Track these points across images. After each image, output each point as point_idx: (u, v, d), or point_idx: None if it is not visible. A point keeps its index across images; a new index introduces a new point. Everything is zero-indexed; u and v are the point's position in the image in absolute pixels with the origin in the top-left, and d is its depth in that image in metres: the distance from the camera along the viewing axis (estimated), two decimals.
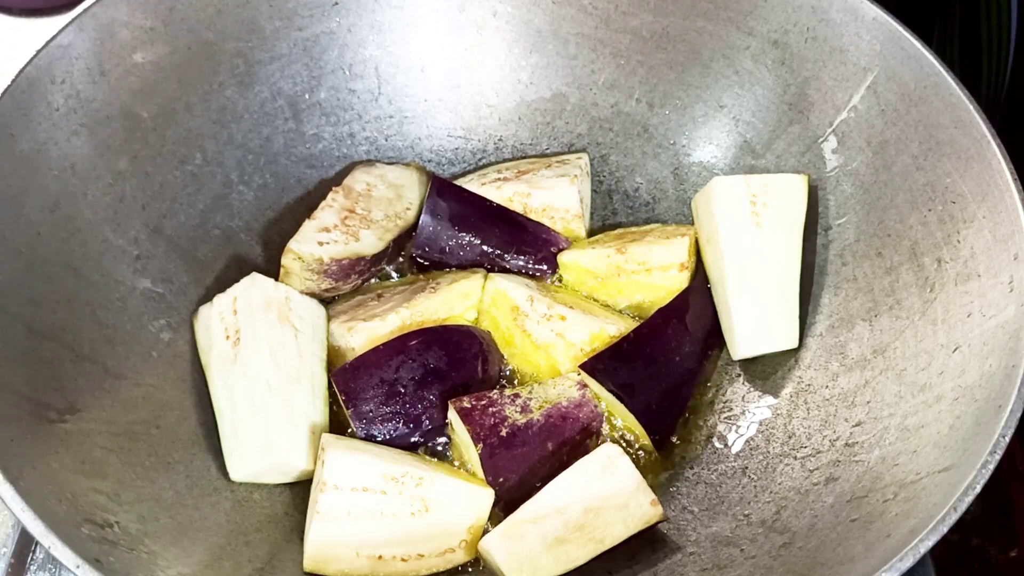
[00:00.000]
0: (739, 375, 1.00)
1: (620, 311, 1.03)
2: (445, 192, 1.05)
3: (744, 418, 0.97)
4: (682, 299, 0.99)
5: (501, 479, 0.88)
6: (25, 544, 0.93)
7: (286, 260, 1.01)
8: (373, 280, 1.08)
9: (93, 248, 0.93)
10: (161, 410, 0.92)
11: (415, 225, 1.07)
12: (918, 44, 0.92)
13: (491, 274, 1.03)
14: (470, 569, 0.89)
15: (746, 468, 0.93)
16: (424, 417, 0.93)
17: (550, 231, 1.06)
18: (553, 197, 1.07)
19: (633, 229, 1.10)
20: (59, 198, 0.91)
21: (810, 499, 0.85)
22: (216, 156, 1.05)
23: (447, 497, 0.86)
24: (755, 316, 0.97)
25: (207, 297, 1.00)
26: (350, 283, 1.05)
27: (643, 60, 1.09)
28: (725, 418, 0.98)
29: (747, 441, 0.95)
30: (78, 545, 0.71)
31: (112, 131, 0.96)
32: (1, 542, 0.93)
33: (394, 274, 1.09)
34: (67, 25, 0.92)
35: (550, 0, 1.09)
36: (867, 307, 0.94)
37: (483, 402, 0.91)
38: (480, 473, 0.89)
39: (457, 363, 0.95)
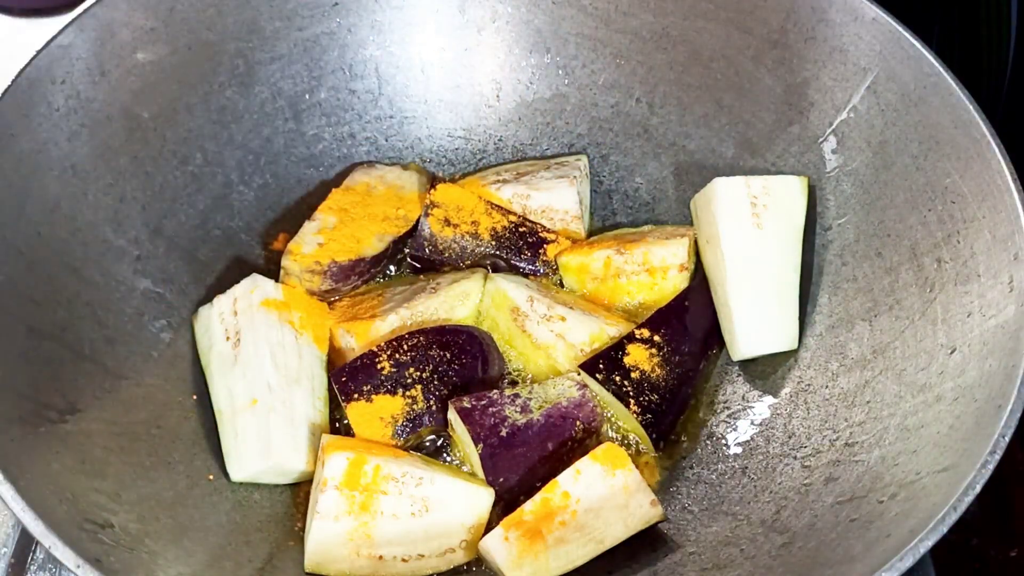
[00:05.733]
0: (739, 375, 1.00)
1: (620, 311, 1.03)
2: None
3: (744, 418, 0.97)
4: (682, 299, 0.99)
5: (501, 479, 0.88)
6: (25, 544, 0.93)
7: (286, 261, 1.02)
8: (373, 280, 1.08)
9: (93, 248, 0.93)
10: (161, 410, 0.92)
11: (415, 226, 1.07)
12: (918, 44, 0.92)
13: (491, 274, 1.03)
14: (472, 569, 0.89)
15: (746, 468, 0.93)
16: (424, 417, 0.93)
17: (548, 231, 1.07)
18: (552, 199, 1.07)
19: (633, 230, 1.10)
20: (59, 198, 0.91)
21: (810, 499, 0.85)
22: (216, 156, 1.05)
23: (447, 497, 0.86)
24: (755, 317, 0.97)
25: (207, 297, 1.00)
26: (350, 284, 1.05)
27: (643, 60, 1.09)
28: (725, 418, 0.98)
29: (747, 441, 0.95)
30: (78, 545, 0.71)
31: (112, 131, 0.96)
32: (1, 542, 0.93)
33: (394, 274, 1.09)
34: (67, 25, 0.92)
35: (550, 0, 1.09)
36: (867, 307, 0.94)
37: (483, 402, 0.91)
38: (480, 473, 0.89)
39: (457, 363, 0.95)
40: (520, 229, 1.06)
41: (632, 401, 0.92)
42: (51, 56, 0.91)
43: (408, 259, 1.08)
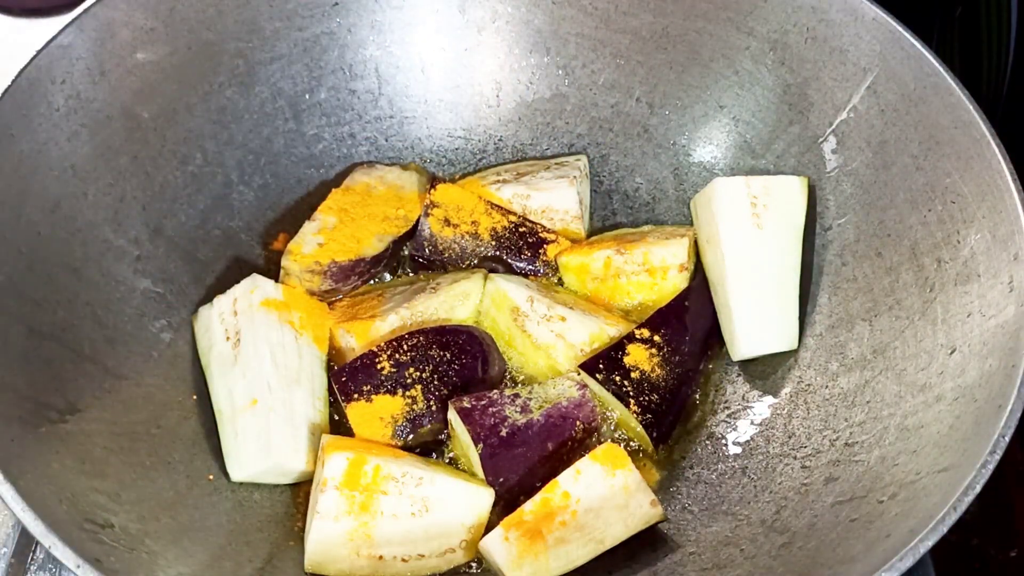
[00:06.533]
0: (739, 375, 1.00)
1: (620, 311, 1.03)
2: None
3: (744, 418, 0.97)
4: (682, 299, 0.99)
5: (501, 479, 0.88)
6: (25, 544, 0.93)
7: (286, 261, 1.01)
8: (373, 280, 1.08)
9: (93, 248, 0.93)
10: (162, 410, 0.92)
11: (415, 226, 1.07)
12: (918, 44, 0.92)
13: (491, 274, 1.03)
14: (472, 569, 0.89)
15: (746, 468, 0.93)
16: (424, 417, 0.93)
17: (548, 231, 1.07)
18: (552, 199, 1.07)
19: (633, 230, 1.10)
20: (59, 198, 0.91)
21: (810, 499, 0.86)
22: (216, 156, 1.05)
23: (447, 497, 0.86)
24: (755, 317, 0.97)
25: (207, 297, 1.00)
26: (350, 284, 1.05)
27: (643, 60, 1.09)
28: (725, 418, 0.98)
29: (747, 441, 0.95)
30: (78, 545, 0.71)
31: (112, 131, 0.96)
32: (1, 542, 0.93)
33: (393, 275, 1.09)
34: (67, 25, 0.92)
35: (550, 0, 1.09)
36: (867, 307, 0.94)
37: (483, 402, 0.91)
38: (480, 473, 0.89)
39: (457, 363, 0.95)
40: (520, 229, 1.06)
41: (632, 401, 0.92)
42: (51, 56, 0.91)
43: (408, 259, 1.09)
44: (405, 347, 0.94)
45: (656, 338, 0.96)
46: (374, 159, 1.14)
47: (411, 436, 0.93)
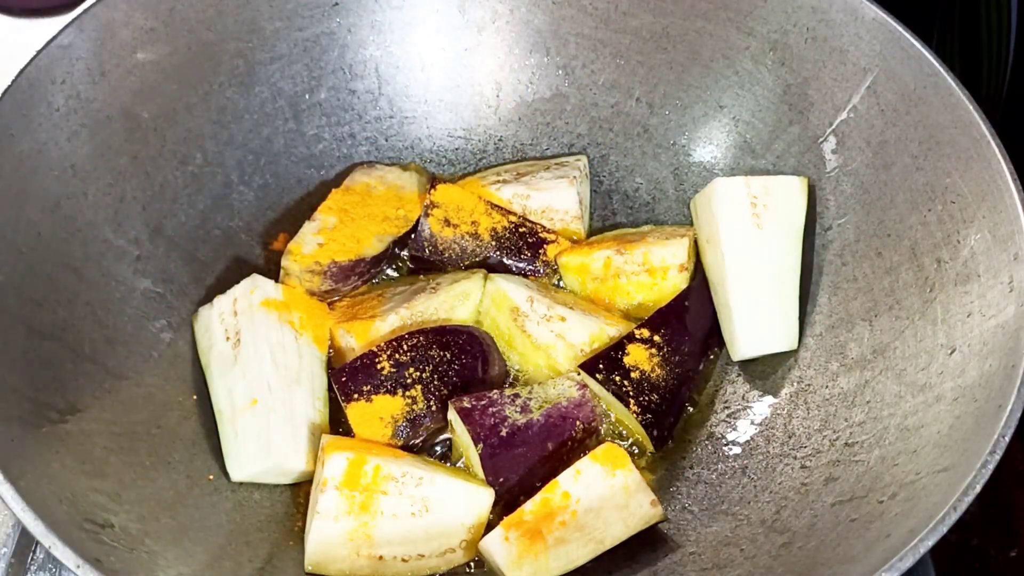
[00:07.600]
0: (739, 375, 1.00)
1: (620, 311, 1.03)
2: None
3: (744, 418, 0.97)
4: (682, 299, 0.99)
5: (501, 479, 0.88)
6: (25, 544, 0.93)
7: (286, 261, 1.01)
8: (373, 281, 1.08)
9: (93, 248, 0.93)
10: (162, 410, 0.92)
11: (415, 226, 1.07)
12: (918, 44, 0.92)
13: (491, 275, 1.03)
14: (472, 569, 0.89)
15: (746, 468, 0.93)
16: (424, 417, 0.93)
17: (548, 231, 1.07)
18: (552, 199, 1.07)
19: (633, 230, 1.10)
20: (59, 198, 0.91)
21: (810, 499, 0.86)
22: (216, 156, 1.05)
23: (447, 497, 0.86)
24: (755, 317, 0.97)
25: (207, 297, 1.00)
26: (350, 284, 1.05)
27: (643, 60, 1.09)
28: (725, 418, 0.98)
29: (747, 441, 0.95)
30: (78, 545, 0.71)
31: (112, 131, 0.96)
32: (1, 542, 0.93)
33: (394, 274, 1.09)
34: (67, 25, 0.92)
35: (550, 0, 1.10)
36: (867, 307, 0.94)
37: (483, 402, 0.91)
38: (480, 473, 0.89)
39: (457, 363, 0.95)
40: (520, 229, 1.06)
41: (632, 401, 0.92)
42: (51, 56, 0.91)
43: (408, 259, 1.09)
44: (405, 347, 0.94)
45: (656, 338, 0.96)
46: (374, 159, 1.14)
47: (411, 436, 0.93)
